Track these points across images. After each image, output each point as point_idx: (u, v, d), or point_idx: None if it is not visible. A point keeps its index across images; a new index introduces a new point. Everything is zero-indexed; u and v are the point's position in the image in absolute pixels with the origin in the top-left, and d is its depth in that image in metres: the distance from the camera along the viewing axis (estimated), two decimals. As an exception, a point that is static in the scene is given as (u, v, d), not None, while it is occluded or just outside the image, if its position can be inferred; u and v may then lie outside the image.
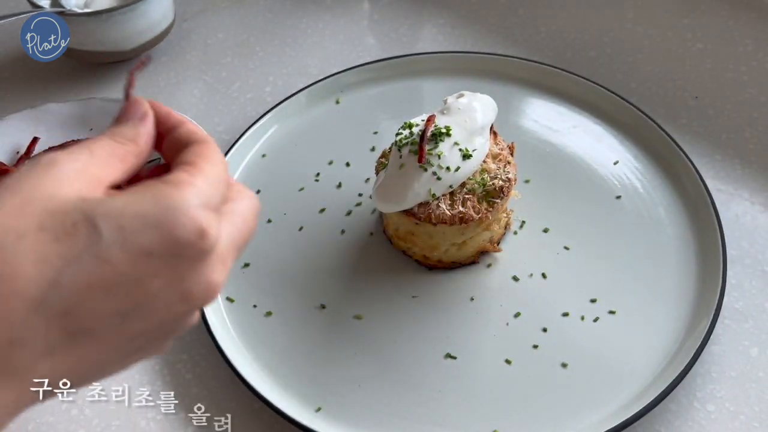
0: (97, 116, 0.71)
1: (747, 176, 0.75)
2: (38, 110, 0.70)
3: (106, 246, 0.32)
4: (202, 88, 0.88)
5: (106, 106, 0.71)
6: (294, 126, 0.81)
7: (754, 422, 0.58)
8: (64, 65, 0.89)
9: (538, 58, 0.86)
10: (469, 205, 0.63)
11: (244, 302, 0.67)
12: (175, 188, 0.34)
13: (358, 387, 0.61)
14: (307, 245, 0.70)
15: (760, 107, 0.81)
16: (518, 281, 0.67)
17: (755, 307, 0.65)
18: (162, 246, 0.32)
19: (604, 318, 0.64)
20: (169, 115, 0.40)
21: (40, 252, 0.31)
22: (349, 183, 0.75)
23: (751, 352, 0.62)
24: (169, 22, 0.89)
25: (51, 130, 0.70)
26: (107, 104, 0.71)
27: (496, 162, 0.66)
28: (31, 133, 0.69)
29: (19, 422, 0.61)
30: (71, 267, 0.31)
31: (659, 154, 0.74)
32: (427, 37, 0.93)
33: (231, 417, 0.60)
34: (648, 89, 0.84)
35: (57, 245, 0.31)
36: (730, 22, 0.91)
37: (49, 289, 0.31)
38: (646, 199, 0.72)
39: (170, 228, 0.32)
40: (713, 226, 0.67)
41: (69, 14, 0.80)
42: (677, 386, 0.58)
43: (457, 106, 0.64)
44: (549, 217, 0.71)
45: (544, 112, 0.80)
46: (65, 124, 0.70)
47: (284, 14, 0.98)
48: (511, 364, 0.62)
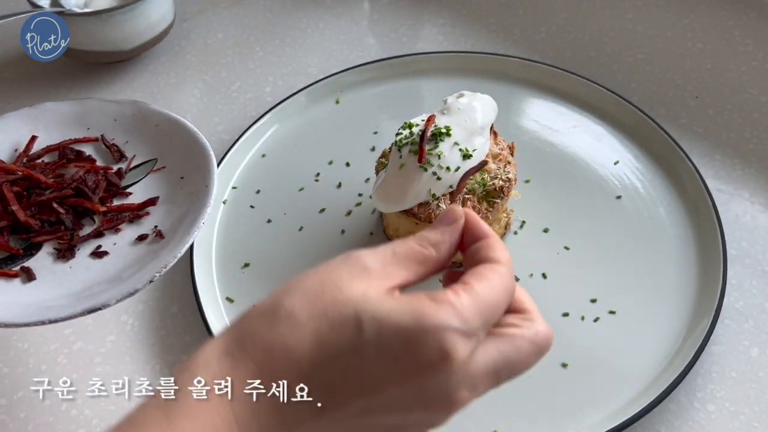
0: (95, 116, 0.71)
1: (747, 176, 0.75)
2: (36, 109, 0.71)
3: (365, 344, 0.36)
4: (202, 88, 0.88)
5: (104, 106, 0.71)
6: (294, 126, 0.81)
7: (754, 422, 0.58)
8: (64, 65, 0.89)
9: (538, 58, 0.86)
10: (469, 205, 0.63)
11: (244, 302, 0.66)
12: (436, 307, 0.36)
13: (358, 387, 0.61)
14: (307, 245, 0.70)
15: (760, 107, 0.81)
16: (518, 281, 0.67)
17: (755, 307, 0.65)
18: (407, 358, 0.35)
19: (604, 318, 0.64)
20: (477, 227, 0.41)
21: (318, 336, 0.36)
22: (349, 183, 0.75)
23: (751, 352, 0.62)
24: (169, 22, 0.89)
25: (49, 129, 0.70)
26: (104, 104, 0.71)
27: (496, 162, 0.66)
28: (29, 132, 0.69)
29: (19, 422, 0.61)
30: (335, 354, 0.36)
31: (659, 154, 0.74)
32: (427, 37, 0.93)
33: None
34: (648, 89, 0.84)
35: (331, 333, 0.36)
36: (730, 22, 0.91)
37: (315, 367, 0.36)
38: (646, 199, 0.72)
39: (417, 345, 0.35)
40: (713, 226, 0.67)
41: (69, 14, 0.80)
42: (677, 386, 0.58)
43: (457, 106, 0.64)
44: (549, 217, 0.71)
45: (544, 112, 0.80)
46: (63, 123, 0.71)
47: (284, 14, 0.98)
48: (511, 364, 0.61)
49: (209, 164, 0.64)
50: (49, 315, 0.54)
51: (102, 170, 0.67)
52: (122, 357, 0.64)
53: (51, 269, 0.61)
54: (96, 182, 0.66)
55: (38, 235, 0.62)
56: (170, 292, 0.69)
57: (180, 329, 0.66)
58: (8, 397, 0.62)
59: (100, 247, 0.62)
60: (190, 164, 0.66)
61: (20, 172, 0.65)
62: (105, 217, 0.64)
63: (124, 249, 0.62)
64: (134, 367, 0.63)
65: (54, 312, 0.55)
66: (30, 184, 0.65)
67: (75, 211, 0.64)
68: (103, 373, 0.63)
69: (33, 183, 0.65)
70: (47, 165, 0.67)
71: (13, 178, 0.64)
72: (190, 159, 0.66)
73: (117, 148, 0.69)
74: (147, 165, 0.68)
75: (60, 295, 0.58)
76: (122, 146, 0.70)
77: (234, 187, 0.76)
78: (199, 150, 0.66)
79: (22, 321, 0.55)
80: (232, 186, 0.76)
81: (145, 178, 0.67)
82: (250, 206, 0.74)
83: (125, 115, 0.71)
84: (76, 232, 0.63)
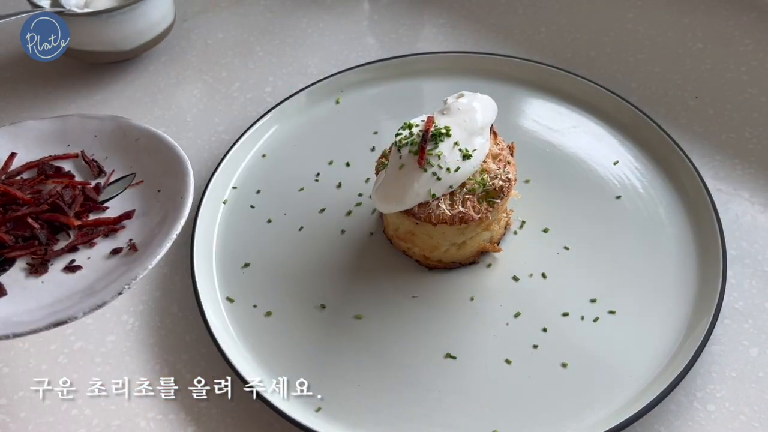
0: (76, 132, 0.71)
1: (747, 176, 0.75)
2: (17, 127, 0.71)
3: None
4: (202, 88, 0.88)
5: (85, 123, 0.71)
6: (294, 126, 0.81)
7: (754, 422, 0.58)
8: (64, 65, 0.89)
9: (538, 58, 0.86)
10: (469, 205, 0.63)
11: (244, 302, 0.67)
12: None
13: (358, 387, 0.61)
14: (307, 245, 0.70)
15: (760, 107, 0.81)
16: (518, 281, 0.67)
17: (755, 307, 0.65)
18: None
19: (604, 318, 0.64)
20: None
21: None
22: (349, 183, 0.75)
23: (751, 352, 0.62)
24: (169, 22, 0.89)
25: (29, 147, 0.70)
26: (86, 121, 0.72)
27: (496, 162, 0.66)
28: (8, 149, 0.70)
29: (19, 422, 0.61)
30: None
31: (659, 154, 0.74)
32: (427, 37, 0.93)
33: (231, 417, 0.60)
34: (648, 89, 0.84)
35: None
36: (730, 22, 0.91)
37: None
38: (646, 199, 0.72)
39: None
40: (713, 226, 0.67)
41: (69, 14, 0.80)
42: (677, 386, 0.58)
43: (457, 107, 0.64)
44: (549, 217, 0.71)
45: (544, 112, 0.80)
46: (43, 140, 0.71)
47: (284, 14, 0.98)
48: (511, 364, 0.62)
49: (186, 177, 0.64)
50: (15, 329, 0.54)
51: (80, 185, 0.67)
52: (122, 357, 0.64)
53: (23, 284, 0.61)
54: (73, 197, 0.65)
55: (12, 250, 0.62)
56: (170, 292, 0.69)
57: (180, 329, 0.66)
58: (9, 397, 0.62)
59: (74, 261, 0.62)
60: (168, 177, 0.66)
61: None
62: (80, 231, 0.64)
63: (97, 263, 0.62)
64: (134, 366, 0.64)
65: (20, 327, 0.55)
66: (7, 200, 0.65)
67: (51, 226, 0.64)
68: (103, 373, 0.63)
69: (10, 199, 0.65)
70: (25, 181, 0.67)
71: None
72: (168, 172, 0.66)
73: (96, 163, 0.69)
74: (125, 180, 0.68)
75: (29, 309, 0.58)
76: (102, 161, 0.70)
77: (234, 187, 0.76)
78: (177, 163, 0.65)
79: None
80: (232, 186, 0.76)
81: (122, 192, 0.67)
82: (251, 206, 0.74)
83: (105, 131, 0.71)
84: (50, 247, 0.63)
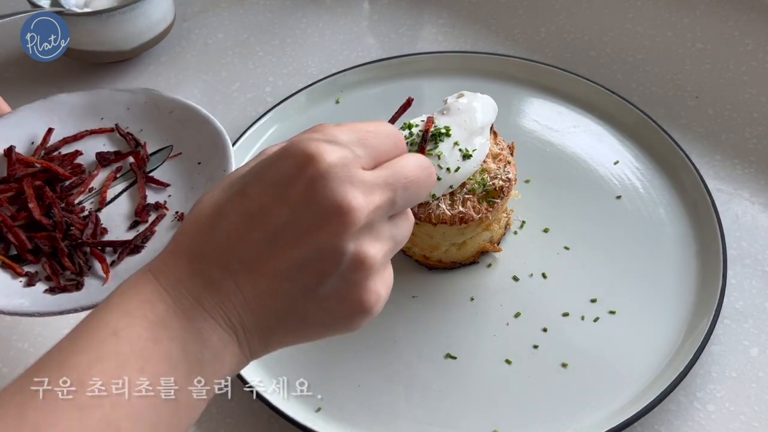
0: (107, 106, 0.71)
1: (747, 176, 0.75)
2: (50, 101, 0.71)
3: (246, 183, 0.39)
4: (202, 88, 0.88)
5: (116, 95, 0.71)
6: (294, 126, 0.81)
7: (754, 422, 0.58)
8: (64, 65, 0.89)
9: (538, 58, 0.86)
10: (469, 205, 0.63)
11: (244, 302, 0.66)
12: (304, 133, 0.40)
13: (358, 387, 0.61)
14: (307, 245, 0.70)
15: (760, 107, 0.81)
16: (518, 281, 0.67)
17: (755, 307, 0.65)
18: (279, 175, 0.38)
19: (604, 318, 0.64)
20: None
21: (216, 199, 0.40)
22: (349, 183, 0.75)
23: (751, 352, 0.62)
24: (169, 22, 0.89)
25: (63, 121, 0.70)
26: (117, 94, 0.72)
27: (496, 162, 0.66)
28: (45, 124, 0.70)
29: (19, 422, 0.61)
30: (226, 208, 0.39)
31: (659, 154, 0.74)
32: (427, 37, 0.93)
33: (231, 417, 0.60)
34: (648, 89, 0.84)
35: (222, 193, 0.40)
36: (730, 22, 0.91)
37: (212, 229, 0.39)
38: (646, 199, 0.72)
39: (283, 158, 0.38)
40: (713, 226, 0.67)
41: (69, 14, 0.80)
42: (677, 386, 0.58)
43: (457, 106, 0.64)
44: (549, 217, 0.71)
45: (544, 112, 0.80)
46: (77, 114, 0.71)
47: (284, 14, 0.98)
48: (511, 364, 0.62)
49: (226, 149, 0.64)
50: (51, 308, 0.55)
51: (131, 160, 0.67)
52: (122, 357, 0.64)
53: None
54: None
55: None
56: (170, 292, 0.69)
57: (180, 329, 0.66)
58: (8, 397, 0.62)
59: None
60: (207, 150, 0.66)
61: (39, 165, 0.65)
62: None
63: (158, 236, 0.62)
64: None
65: (53, 306, 0.55)
66: (49, 177, 0.65)
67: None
68: (103, 373, 0.63)
69: (52, 175, 0.65)
70: (65, 156, 0.68)
71: (33, 171, 0.65)
72: (205, 144, 0.66)
73: (132, 136, 0.69)
74: (163, 152, 0.68)
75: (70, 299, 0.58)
76: (136, 134, 0.70)
77: (234, 187, 0.76)
78: (214, 135, 0.65)
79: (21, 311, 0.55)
80: (232, 186, 0.76)
81: (162, 164, 0.67)
82: (250, 206, 0.74)
83: (138, 104, 0.71)
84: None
